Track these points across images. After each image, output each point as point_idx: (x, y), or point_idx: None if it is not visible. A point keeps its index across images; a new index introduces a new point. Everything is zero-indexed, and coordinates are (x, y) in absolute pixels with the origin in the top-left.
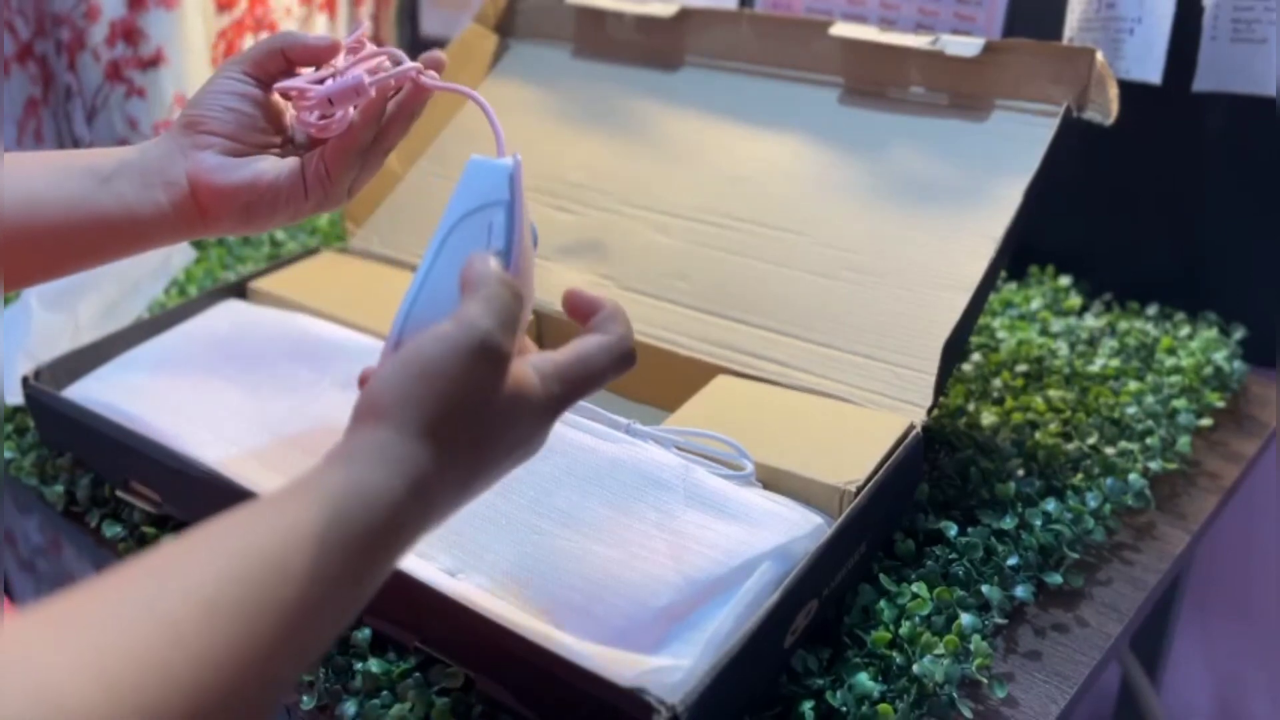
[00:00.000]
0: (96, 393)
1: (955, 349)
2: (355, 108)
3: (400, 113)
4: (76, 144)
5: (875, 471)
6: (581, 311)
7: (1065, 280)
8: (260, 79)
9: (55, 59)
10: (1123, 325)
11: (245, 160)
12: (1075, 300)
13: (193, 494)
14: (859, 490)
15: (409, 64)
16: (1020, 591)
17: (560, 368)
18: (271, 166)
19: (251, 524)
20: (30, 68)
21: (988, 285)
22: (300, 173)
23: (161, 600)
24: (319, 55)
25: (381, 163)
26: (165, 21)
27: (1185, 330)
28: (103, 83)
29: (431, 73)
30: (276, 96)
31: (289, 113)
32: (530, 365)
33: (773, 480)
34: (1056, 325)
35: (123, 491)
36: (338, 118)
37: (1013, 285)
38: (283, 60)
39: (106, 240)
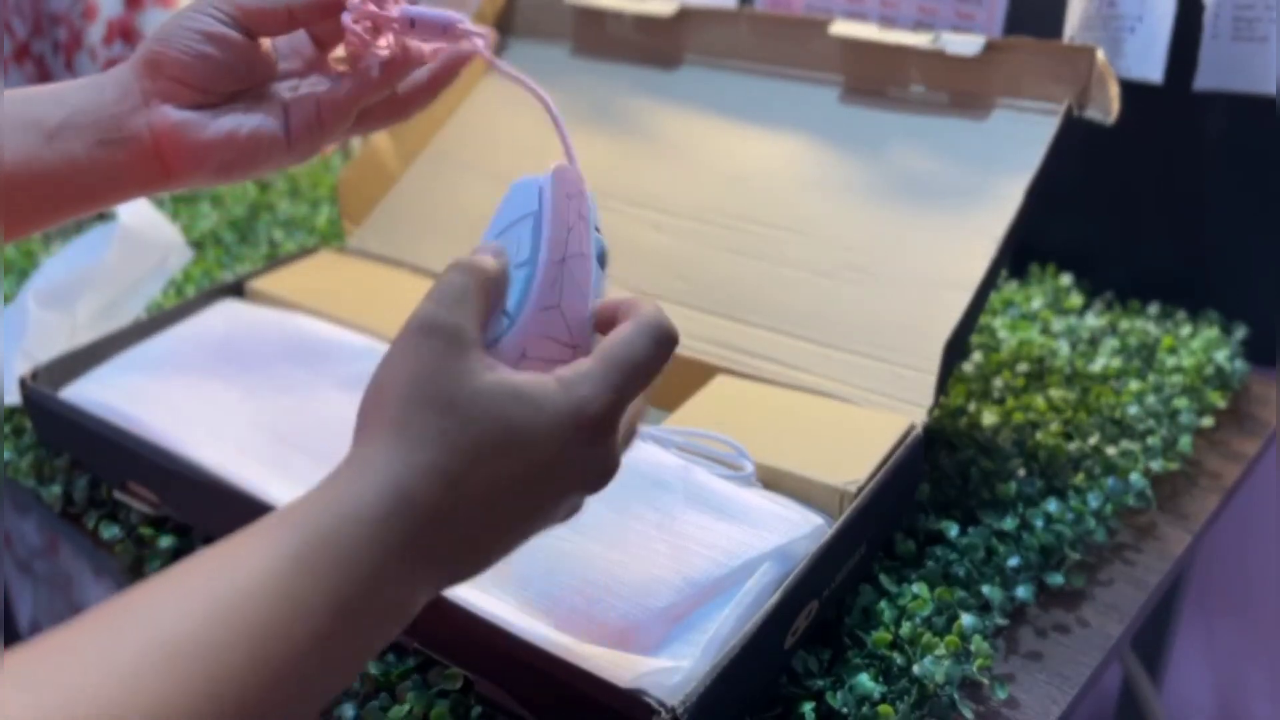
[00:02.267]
0: (94, 393)
1: (956, 349)
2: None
3: (433, 80)
4: None
5: (875, 472)
6: (608, 319)
7: (1066, 279)
8: (246, 26)
9: (52, 58)
10: (1124, 325)
11: (217, 112)
12: (1076, 299)
13: (191, 494)
14: (859, 490)
15: (479, 29)
16: (1021, 592)
17: (586, 366)
18: (248, 116)
19: (221, 559)
20: (28, 67)
21: (989, 284)
22: (284, 120)
23: (122, 649)
24: (330, 11)
25: (380, 126)
26: (162, 20)
27: (1186, 329)
28: None
29: (498, 60)
30: (265, 44)
31: (285, 51)
32: (552, 374)
33: (773, 480)
34: (1058, 325)
35: (120, 492)
36: (383, 48)
37: (1014, 284)
38: (285, 17)
39: (57, 200)
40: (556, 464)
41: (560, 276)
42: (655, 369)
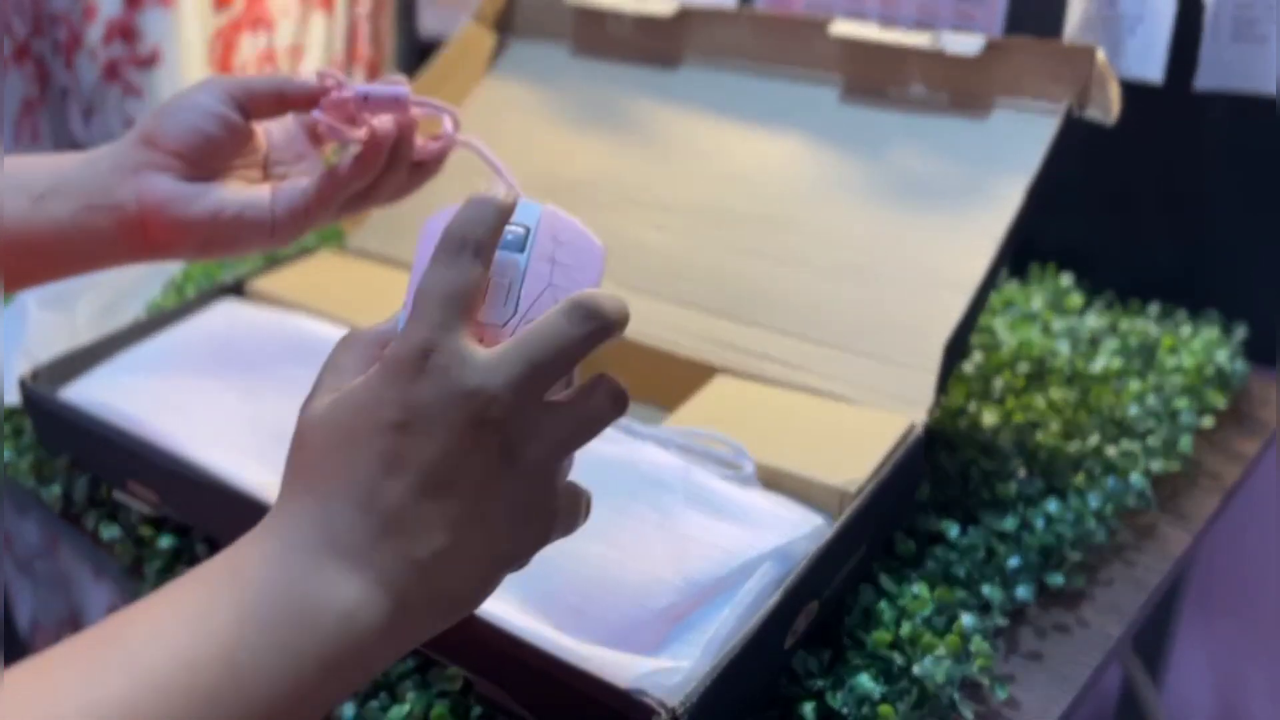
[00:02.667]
0: (94, 393)
1: (956, 348)
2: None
3: (420, 169)
4: (74, 144)
5: (876, 472)
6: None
7: (1067, 279)
8: (244, 107)
9: (52, 58)
10: (1124, 325)
11: (205, 187)
12: (1077, 299)
13: (190, 494)
14: (859, 490)
15: (444, 107)
16: (1021, 592)
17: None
18: (235, 196)
19: (164, 615)
20: (27, 67)
21: (989, 284)
22: (270, 205)
23: None
24: (314, 99)
25: (365, 208)
26: (163, 20)
27: (1187, 329)
28: (100, 82)
29: (462, 137)
30: (259, 131)
31: (275, 134)
32: None
33: (773, 480)
34: (1058, 325)
35: (120, 492)
36: (361, 131)
37: (1014, 284)
38: (276, 100)
39: (39, 264)
40: (405, 414)
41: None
42: (461, 283)
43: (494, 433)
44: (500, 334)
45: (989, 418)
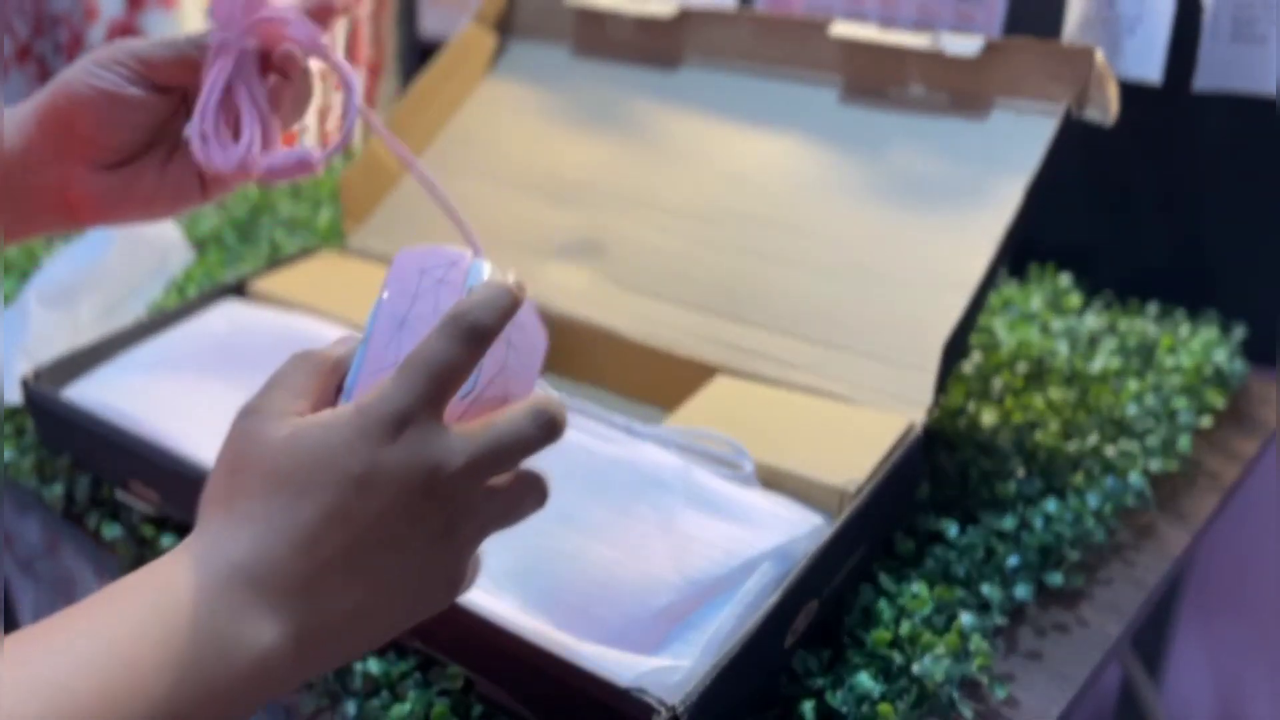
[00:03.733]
0: (96, 393)
1: (955, 348)
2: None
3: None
4: None
5: (875, 471)
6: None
7: (1066, 279)
8: (149, 80)
9: (53, 59)
10: (1123, 324)
11: (134, 169)
12: (1076, 299)
13: (191, 494)
14: (859, 490)
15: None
16: (1021, 591)
17: (385, 381)
18: (164, 173)
19: (82, 643)
20: (29, 67)
21: (988, 284)
22: (198, 171)
23: None
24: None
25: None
26: (164, 21)
27: (1186, 329)
28: None
29: (424, 178)
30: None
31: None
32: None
33: (773, 480)
34: (1057, 324)
35: (122, 492)
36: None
37: (1013, 284)
38: (177, 65)
39: None
40: (368, 473)
41: (397, 339)
42: (456, 364)
43: (440, 508)
44: (456, 407)
45: (988, 417)
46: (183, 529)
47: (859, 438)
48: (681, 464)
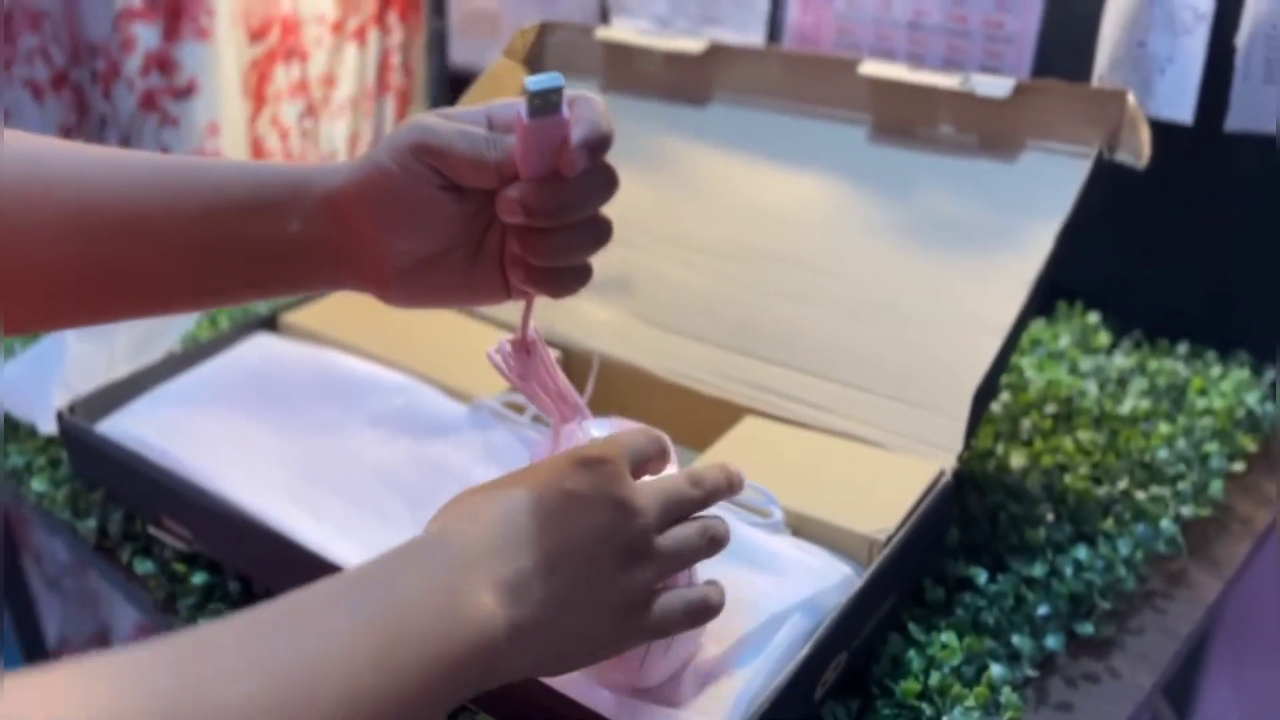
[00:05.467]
0: (129, 428)
1: (986, 395)
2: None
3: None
4: None
5: (905, 519)
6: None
7: (1094, 317)
8: (455, 184)
9: (90, 87)
10: (1153, 365)
11: (443, 260)
12: (1104, 338)
13: (222, 532)
14: (889, 539)
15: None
16: (1051, 642)
17: None
18: (470, 273)
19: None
20: (65, 95)
21: (1019, 330)
22: (502, 276)
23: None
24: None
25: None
26: (199, 52)
27: (1216, 370)
28: (137, 112)
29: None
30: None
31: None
32: None
33: (801, 526)
34: (1085, 364)
35: (154, 527)
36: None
37: (1041, 321)
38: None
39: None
40: (560, 494)
41: None
42: (644, 450)
43: (628, 530)
44: None
45: (1017, 459)
46: (214, 567)
47: (889, 484)
48: (710, 510)
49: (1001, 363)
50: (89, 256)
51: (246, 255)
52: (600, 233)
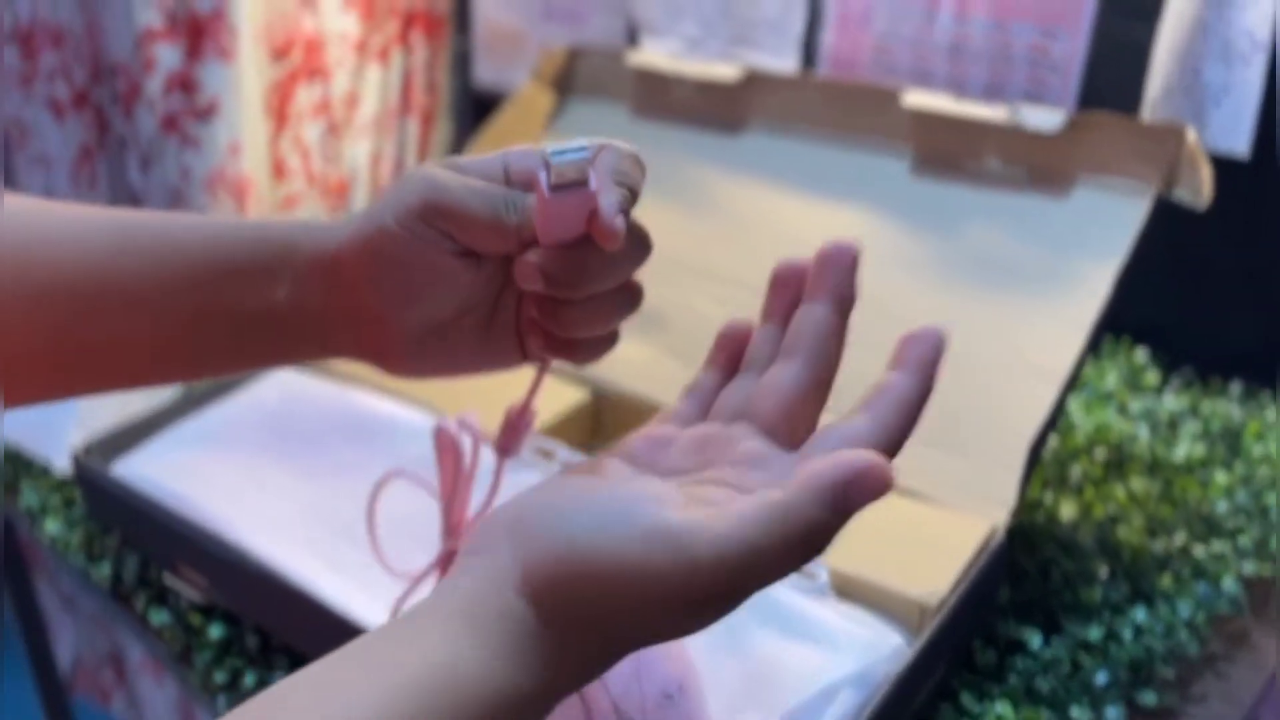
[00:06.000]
0: (145, 470)
1: (1040, 447)
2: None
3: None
4: (131, 193)
5: (957, 582)
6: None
7: (1142, 355)
8: (469, 248)
9: (110, 107)
10: (1205, 406)
11: (454, 328)
12: (1153, 377)
13: (240, 583)
14: (941, 604)
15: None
16: (1111, 714)
17: None
18: (484, 343)
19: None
20: (86, 115)
21: (1074, 378)
22: (519, 342)
23: None
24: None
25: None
26: (221, 73)
27: (1272, 413)
28: (158, 133)
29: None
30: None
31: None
32: None
33: (848, 588)
34: (1135, 405)
35: (170, 574)
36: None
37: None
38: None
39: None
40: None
41: None
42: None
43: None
44: None
45: (1067, 510)
46: (230, 618)
47: (939, 543)
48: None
49: (1057, 413)
50: (54, 330)
51: (229, 325)
52: (631, 299)
